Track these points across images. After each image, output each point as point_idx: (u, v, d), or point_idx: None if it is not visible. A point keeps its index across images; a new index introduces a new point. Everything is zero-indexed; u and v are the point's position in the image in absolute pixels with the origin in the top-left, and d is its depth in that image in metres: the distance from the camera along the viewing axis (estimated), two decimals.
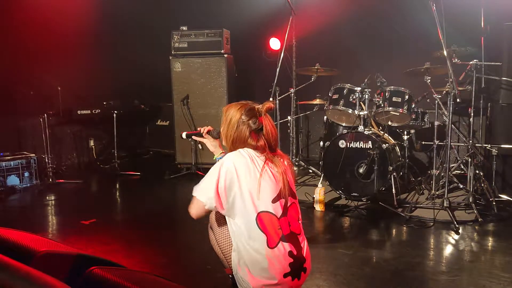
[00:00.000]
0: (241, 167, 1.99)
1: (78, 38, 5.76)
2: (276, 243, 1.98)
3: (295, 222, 2.09)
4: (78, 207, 4.54)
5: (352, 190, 4.24)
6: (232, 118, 2.09)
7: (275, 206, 2.00)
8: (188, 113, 5.58)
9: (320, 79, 5.17)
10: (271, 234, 1.98)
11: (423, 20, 4.35)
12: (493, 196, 4.01)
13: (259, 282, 1.97)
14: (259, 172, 2.00)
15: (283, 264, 1.98)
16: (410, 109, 4.36)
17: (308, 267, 2.12)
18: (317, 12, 5.74)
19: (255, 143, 2.06)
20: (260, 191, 1.98)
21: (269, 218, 1.99)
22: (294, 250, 2.02)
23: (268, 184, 2.00)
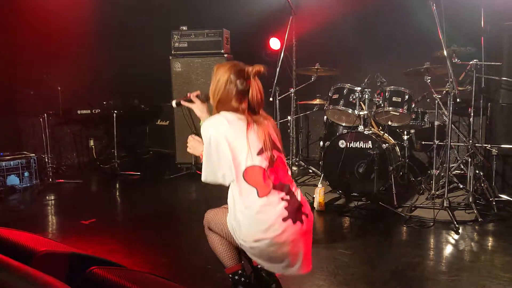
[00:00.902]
0: (222, 130, 2.02)
1: (78, 38, 5.76)
2: (267, 193, 2.01)
3: (284, 174, 2.12)
4: (78, 207, 4.54)
5: (352, 190, 4.24)
6: (221, 77, 2.10)
7: (260, 159, 2.03)
8: (188, 113, 5.55)
9: (320, 79, 5.17)
10: (260, 185, 2.01)
11: (423, 20, 4.35)
12: (493, 196, 4.01)
13: (262, 236, 1.98)
14: (240, 131, 2.03)
15: (277, 208, 2.01)
16: (410, 109, 4.36)
17: (309, 212, 2.13)
18: (317, 12, 5.74)
19: (237, 105, 2.08)
20: (243, 147, 2.01)
21: (256, 170, 2.02)
22: (286, 195, 2.05)
23: (250, 140, 2.03)
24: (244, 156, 2.01)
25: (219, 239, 2.26)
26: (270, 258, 2.06)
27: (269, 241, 1.99)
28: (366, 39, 5.78)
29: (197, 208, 4.62)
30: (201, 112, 2.32)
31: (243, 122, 2.05)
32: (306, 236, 2.09)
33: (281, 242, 2.00)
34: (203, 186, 5.08)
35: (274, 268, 2.12)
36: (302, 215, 2.08)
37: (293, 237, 2.02)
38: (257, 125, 2.06)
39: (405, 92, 4.36)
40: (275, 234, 1.98)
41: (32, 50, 5.40)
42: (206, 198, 4.74)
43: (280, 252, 2.02)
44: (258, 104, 2.12)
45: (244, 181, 2.02)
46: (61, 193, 5.00)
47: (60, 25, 5.55)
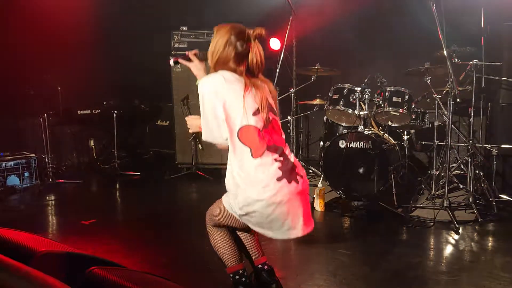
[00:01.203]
0: (218, 88, 2.02)
1: (78, 38, 5.75)
2: (261, 153, 2.02)
3: (278, 136, 2.13)
4: (78, 207, 4.54)
5: (352, 190, 4.24)
6: (221, 38, 2.09)
7: (255, 119, 2.03)
8: (188, 113, 5.57)
9: (320, 79, 5.17)
10: (254, 145, 2.02)
11: (423, 20, 4.34)
12: (493, 196, 4.01)
13: (258, 197, 1.99)
14: (236, 91, 2.02)
15: (271, 169, 2.02)
16: (410, 109, 4.36)
17: (303, 174, 2.15)
18: (317, 12, 5.73)
19: (235, 66, 2.08)
20: (239, 107, 2.01)
21: (251, 130, 2.02)
22: (279, 157, 2.06)
23: (246, 101, 2.02)
24: (240, 116, 2.01)
25: (221, 237, 2.25)
26: (271, 222, 2.05)
27: (266, 202, 1.99)
28: (366, 39, 5.78)
29: (197, 208, 4.62)
30: (198, 71, 2.30)
31: (240, 83, 2.04)
32: (302, 195, 2.11)
33: (277, 202, 2.00)
34: (204, 186, 5.11)
35: (278, 234, 2.10)
36: (296, 175, 2.09)
37: (289, 197, 2.03)
38: (255, 88, 2.05)
39: (405, 92, 4.36)
40: (270, 193, 1.99)
41: (32, 50, 5.39)
42: (206, 198, 4.72)
43: (278, 213, 2.02)
44: (257, 68, 2.11)
45: (238, 140, 2.02)
46: (61, 193, 5.01)
47: (60, 25, 5.55)
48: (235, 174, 2.05)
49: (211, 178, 5.29)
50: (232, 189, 2.10)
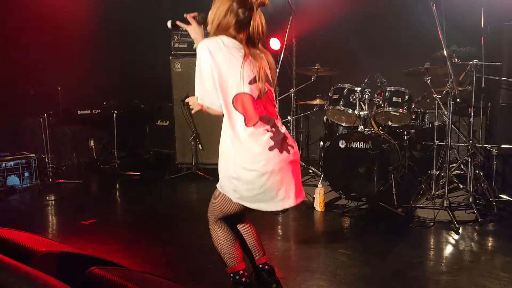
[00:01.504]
0: (216, 52, 2.00)
1: (79, 38, 5.76)
2: (254, 123, 2.02)
3: (271, 108, 2.12)
4: (78, 207, 4.54)
5: (352, 190, 4.24)
6: (222, 4, 2.06)
7: (251, 88, 2.03)
8: (188, 113, 5.58)
9: (320, 79, 5.17)
10: (248, 113, 2.02)
11: (423, 20, 4.34)
12: (493, 196, 4.01)
13: (251, 166, 2.00)
14: (234, 58, 2.00)
15: (263, 138, 2.02)
16: (410, 109, 4.36)
17: (294, 145, 2.16)
18: (317, 12, 5.73)
19: (235, 34, 2.05)
20: (236, 74, 1.99)
21: (246, 98, 2.02)
22: (271, 128, 2.06)
23: (244, 69, 2.01)
24: (236, 83, 1.99)
25: (222, 235, 2.24)
26: (264, 193, 2.04)
27: (258, 172, 2.00)
28: (366, 39, 5.78)
29: (197, 208, 4.62)
30: (196, 34, 2.26)
31: (239, 51, 2.02)
32: (294, 165, 2.12)
33: (269, 171, 2.01)
34: (204, 186, 5.11)
35: (272, 205, 2.09)
36: (288, 146, 2.11)
37: (281, 165, 2.04)
38: (254, 58, 2.03)
39: (405, 92, 4.36)
40: (263, 163, 2.00)
41: (32, 50, 5.39)
42: (206, 198, 4.71)
43: (272, 183, 2.02)
44: (258, 37, 2.08)
45: (232, 107, 2.02)
46: (61, 193, 5.00)
47: (60, 25, 5.56)
48: (229, 141, 2.05)
49: (211, 178, 5.29)
50: (224, 156, 2.09)
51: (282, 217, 4.05)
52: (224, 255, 2.25)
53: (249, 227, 2.39)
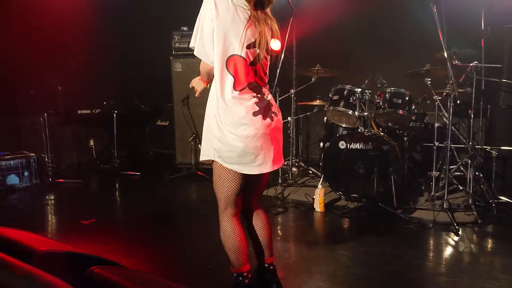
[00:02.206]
0: (222, 7, 1.97)
1: (79, 38, 5.77)
2: (243, 87, 2.03)
3: (261, 75, 2.13)
4: (78, 207, 4.54)
5: (352, 191, 4.24)
6: None
7: (248, 52, 2.03)
8: (188, 113, 5.58)
9: (320, 80, 5.17)
10: (239, 77, 2.03)
11: (423, 21, 4.35)
12: (493, 198, 4.01)
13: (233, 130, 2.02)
14: (239, 18, 1.99)
15: (248, 103, 2.04)
16: (410, 111, 4.36)
17: (278, 112, 2.18)
18: (317, 13, 5.73)
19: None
20: (236, 35, 1.99)
21: (241, 61, 2.02)
22: (257, 94, 2.09)
23: (245, 31, 2.00)
24: (234, 44, 1.99)
25: (231, 232, 2.16)
26: (243, 156, 2.06)
27: (240, 135, 2.02)
28: (366, 41, 5.78)
29: (197, 208, 4.63)
30: None
31: (245, 12, 2.01)
32: (276, 132, 2.15)
33: (251, 135, 2.03)
34: (203, 186, 5.11)
35: (249, 169, 2.09)
36: (271, 113, 2.13)
37: (263, 131, 2.06)
38: (258, 22, 2.02)
39: (405, 93, 4.37)
40: (245, 127, 2.02)
41: (33, 49, 5.39)
42: (206, 198, 4.74)
43: (252, 147, 2.05)
44: (267, 0, 2.07)
45: (225, 67, 2.01)
46: (61, 192, 5.00)
47: (61, 25, 5.56)
48: (214, 102, 2.06)
49: (211, 179, 5.28)
50: (210, 116, 2.10)
51: (282, 218, 4.05)
52: (229, 253, 2.19)
53: (264, 222, 2.35)
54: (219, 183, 2.16)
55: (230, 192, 2.15)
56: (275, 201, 4.41)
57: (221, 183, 2.15)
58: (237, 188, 2.15)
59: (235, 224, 2.19)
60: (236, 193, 2.16)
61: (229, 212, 2.19)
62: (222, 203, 2.19)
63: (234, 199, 2.17)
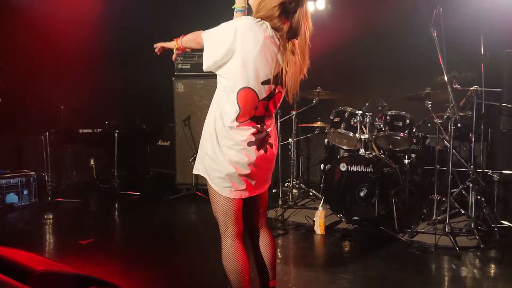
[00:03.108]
0: (249, 36, 1.91)
1: (83, 57, 5.83)
2: (246, 119, 2.02)
3: (271, 108, 2.12)
4: (76, 226, 4.50)
5: (353, 213, 4.21)
6: None
7: (261, 88, 2.01)
8: (189, 134, 5.60)
9: (321, 102, 5.20)
10: (246, 110, 2.01)
11: (423, 45, 4.40)
12: (495, 222, 3.98)
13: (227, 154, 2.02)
14: (265, 48, 1.93)
15: (246, 132, 2.03)
16: (411, 133, 4.37)
17: (275, 144, 2.17)
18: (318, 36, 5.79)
19: (279, 24, 1.95)
20: (255, 69, 1.95)
21: (251, 95, 2.00)
22: (259, 125, 2.07)
23: (267, 65, 1.96)
24: (252, 77, 1.95)
25: (233, 256, 2.12)
26: (224, 179, 2.06)
27: (230, 160, 2.02)
28: (367, 63, 5.85)
29: (196, 229, 4.60)
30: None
31: (274, 46, 1.95)
32: (267, 163, 2.15)
33: (242, 162, 2.03)
34: (203, 207, 5.08)
35: (221, 189, 2.10)
36: (267, 144, 2.12)
37: (254, 161, 2.05)
38: (282, 56, 1.97)
39: (406, 116, 4.38)
40: (238, 153, 2.02)
41: (36, 68, 5.46)
42: (205, 219, 4.71)
43: (240, 173, 2.04)
44: (299, 31, 1.98)
45: (236, 95, 1.99)
46: (59, 212, 4.97)
47: (64, 44, 5.63)
48: (213, 119, 2.07)
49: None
50: (206, 134, 2.10)
51: (282, 240, 4.01)
52: (231, 276, 2.13)
53: (268, 241, 2.32)
54: (214, 205, 2.16)
55: (226, 214, 2.13)
56: (275, 223, 4.38)
57: (216, 206, 2.15)
58: (233, 209, 2.12)
59: (236, 245, 2.14)
60: (233, 214, 2.13)
61: (230, 233, 2.15)
62: (221, 225, 2.17)
63: (232, 220, 2.14)
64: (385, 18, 5.76)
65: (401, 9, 5.60)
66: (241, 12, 2.16)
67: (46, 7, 5.42)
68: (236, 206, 2.12)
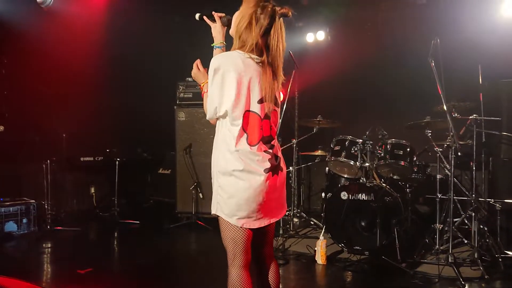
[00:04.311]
0: (235, 63, 2.02)
1: (86, 86, 5.91)
2: (255, 143, 2.05)
3: (273, 127, 2.16)
4: (74, 256, 4.45)
5: (355, 243, 4.16)
6: (248, 8, 2.06)
7: (259, 108, 2.06)
8: (190, 162, 5.60)
9: (321, 130, 5.23)
10: (252, 133, 2.04)
11: (422, 74, 4.45)
12: (499, 253, 3.93)
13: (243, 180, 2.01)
14: (253, 73, 2.04)
15: (263, 159, 2.05)
16: (412, 162, 4.37)
17: (283, 167, 2.21)
18: (319, 66, 5.90)
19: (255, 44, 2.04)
20: (252, 90, 2.04)
21: (255, 118, 2.06)
22: (270, 149, 2.12)
23: (254, 86, 2.05)
24: (248, 99, 2.04)
25: (239, 283, 2.09)
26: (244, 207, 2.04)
27: (244, 186, 2.02)
28: (367, 92, 5.91)
29: (196, 259, 4.53)
30: (217, 34, 2.28)
31: (255, 69, 2.05)
32: (281, 187, 2.17)
33: (258, 190, 2.03)
34: (203, 236, 5.03)
35: (249, 222, 2.07)
36: (279, 169, 2.14)
37: (268, 188, 2.06)
38: (264, 75, 2.06)
39: (406, 145, 4.40)
40: (253, 180, 2.02)
41: (40, 97, 5.52)
42: (205, 249, 4.66)
43: (254, 200, 2.03)
44: (276, 50, 2.09)
45: (241, 123, 2.03)
46: (58, 240, 4.92)
47: (68, 73, 5.72)
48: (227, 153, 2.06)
49: (210, 228, 5.21)
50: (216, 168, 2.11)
51: (282, 270, 3.95)
52: None
53: (275, 271, 2.31)
54: (224, 233, 2.13)
55: (236, 243, 2.11)
56: (276, 252, 4.32)
57: (226, 233, 2.12)
58: (243, 240, 2.10)
59: (243, 277, 2.11)
60: (243, 244, 2.11)
61: (238, 263, 2.12)
62: (230, 254, 2.14)
63: (241, 249, 2.11)
64: (384, 48, 5.88)
65: (400, 39, 5.71)
66: (219, 48, 2.26)
67: (50, 37, 5.52)
68: (247, 235, 2.11)
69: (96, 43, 5.96)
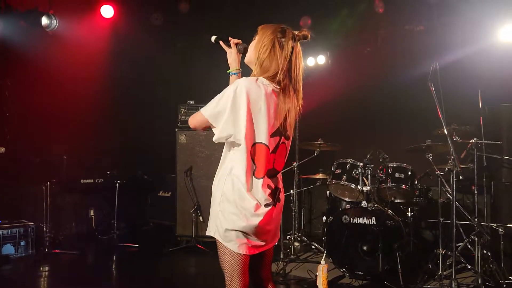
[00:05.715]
0: (253, 96, 1.99)
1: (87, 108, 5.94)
2: (261, 176, 2.05)
3: (281, 160, 2.14)
4: (72, 279, 4.38)
5: (356, 268, 4.10)
6: (267, 36, 2.05)
7: (271, 141, 2.04)
8: (191, 185, 5.58)
9: (322, 153, 5.23)
10: (260, 165, 2.02)
11: (422, 98, 4.48)
12: (503, 278, 3.87)
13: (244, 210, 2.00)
14: (268, 104, 2.01)
15: (265, 191, 2.05)
16: (413, 185, 4.35)
17: (282, 198, 2.19)
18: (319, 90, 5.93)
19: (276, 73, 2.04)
20: (263, 123, 2.02)
21: (264, 150, 2.04)
22: (272, 184, 2.10)
23: (271, 118, 2.03)
24: (261, 130, 2.02)
25: None
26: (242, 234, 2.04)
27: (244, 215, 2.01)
28: (367, 116, 5.94)
29: (195, 283, 4.46)
30: (232, 61, 2.28)
31: (274, 98, 2.04)
32: (277, 216, 2.16)
33: (256, 220, 2.02)
34: (202, 260, 4.96)
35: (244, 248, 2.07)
36: (277, 201, 2.14)
37: (267, 219, 2.06)
38: (283, 104, 2.05)
39: (408, 168, 4.39)
40: (253, 212, 2.01)
41: (41, 119, 5.54)
42: (205, 273, 4.60)
43: (252, 229, 2.03)
44: (296, 74, 2.10)
45: (250, 154, 2.01)
46: (56, 264, 4.85)
47: (69, 96, 5.76)
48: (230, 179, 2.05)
49: (210, 252, 5.15)
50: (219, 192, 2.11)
51: None
52: None
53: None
54: (222, 258, 2.12)
55: (233, 268, 2.10)
56: (277, 277, 4.25)
57: (224, 258, 2.11)
58: (240, 263, 2.09)
59: None
60: (240, 268, 2.10)
61: (235, 286, 2.11)
62: (228, 276, 2.13)
63: (238, 273, 2.10)
64: (384, 72, 5.93)
65: (399, 64, 5.77)
66: (235, 75, 2.28)
67: (53, 60, 5.59)
68: (244, 259, 2.10)
69: (97, 66, 6.03)
